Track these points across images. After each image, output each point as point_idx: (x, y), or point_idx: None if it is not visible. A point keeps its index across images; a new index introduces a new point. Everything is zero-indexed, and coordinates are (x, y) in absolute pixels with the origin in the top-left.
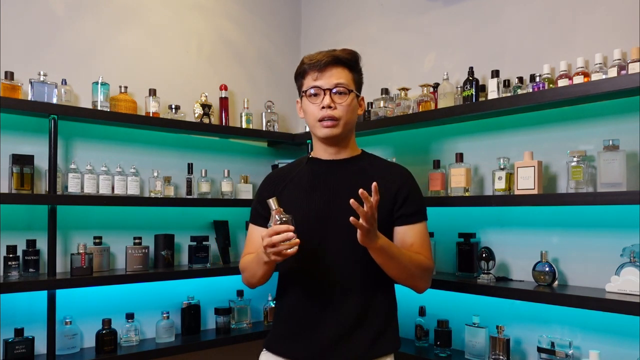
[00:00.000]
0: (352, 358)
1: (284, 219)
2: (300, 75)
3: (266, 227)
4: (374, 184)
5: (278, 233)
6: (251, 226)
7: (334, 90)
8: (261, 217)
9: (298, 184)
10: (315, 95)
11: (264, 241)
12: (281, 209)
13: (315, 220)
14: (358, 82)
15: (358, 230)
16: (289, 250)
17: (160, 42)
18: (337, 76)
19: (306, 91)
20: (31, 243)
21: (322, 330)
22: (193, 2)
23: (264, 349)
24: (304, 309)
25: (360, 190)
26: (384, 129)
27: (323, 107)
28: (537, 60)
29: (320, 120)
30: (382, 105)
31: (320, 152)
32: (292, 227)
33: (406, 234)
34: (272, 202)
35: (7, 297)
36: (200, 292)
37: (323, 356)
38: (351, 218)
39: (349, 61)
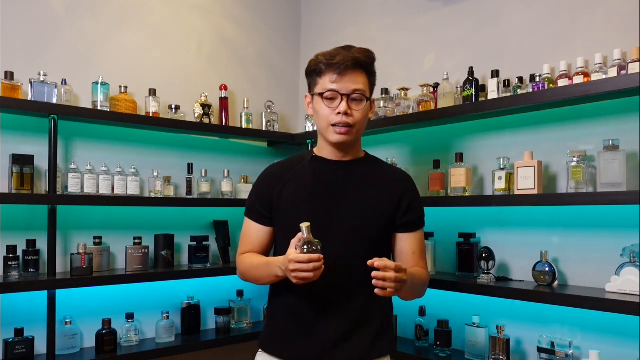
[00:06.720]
0: (352, 358)
1: (313, 248)
2: (315, 72)
3: (264, 224)
4: (373, 263)
5: (310, 261)
6: (248, 221)
7: (352, 97)
8: (260, 215)
9: (300, 182)
10: (331, 99)
11: (293, 266)
12: (311, 236)
13: (317, 220)
14: (372, 86)
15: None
16: (313, 275)
17: (160, 42)
18: (355, 81)
19: (322, 93)
20: (31, 243)
21: (322, 330)
22: (193, 2)
23: (260, 350)
24: (304, 310)
25: (370, 262)
26: (384, 129)
27: (339, 113)
28: (537, 60)
29: (334, 125)
30: (382, 105)
31: (326, 152)
32: (322, 256)
33: (408, 242)
34: (305, 229)
35: (7, 297)
36: (200, 292)
37: (323, 356)
38: (377, 291)
39: (368, 65)
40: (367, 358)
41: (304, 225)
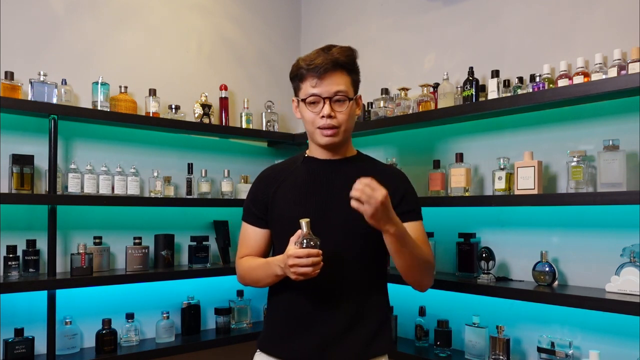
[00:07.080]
0: (349, 357)
1: (311, 243)
2: (297, 78)
3: (260, 227)
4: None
5: (309, 256)
6: (245, 225)
7: (334, 99)
8: (256, 218)
9: (294, 182)
10: (314, 103)
11: (292, 261)
12: (310, 232)
13: (311, 219)
14: (356, 83)
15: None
16: (311, 270)
17: (160, 42)
18: (336, 82)
19: (305, 99)
20: (31, 243)
21: (319, 330)
22: (193, 2)
23: (258, 350)
24: (301, 309)
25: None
26: (384, 129)
27: (323, 116)
28: (537, 60)
29: (320, 128)
30: (382, 105)
31: (317, 152)
32: (321, 252)
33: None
34: (305, 225)
35: (7, 297)
36: (200, 292)
37: (321, 354)
38: (352, 202)
39: (348, 64)
40: (365, 357)
41: (304, 221)
